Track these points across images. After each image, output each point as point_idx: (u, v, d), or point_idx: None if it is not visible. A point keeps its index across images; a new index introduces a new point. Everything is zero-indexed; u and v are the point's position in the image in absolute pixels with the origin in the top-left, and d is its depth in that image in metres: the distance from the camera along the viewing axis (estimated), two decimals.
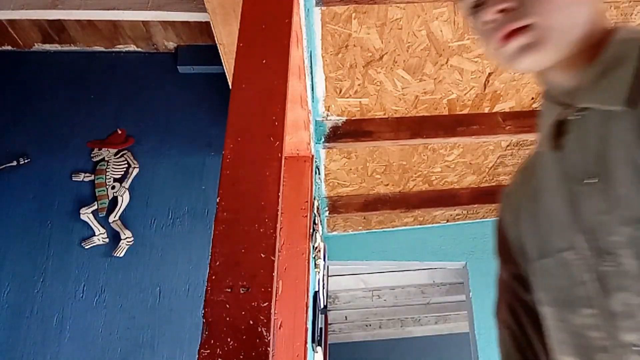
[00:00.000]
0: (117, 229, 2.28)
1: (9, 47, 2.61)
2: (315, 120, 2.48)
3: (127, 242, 2.26)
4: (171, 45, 2.60)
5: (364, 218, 3.76)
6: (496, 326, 0.78)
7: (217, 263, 0.89)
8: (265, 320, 0.84)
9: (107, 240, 2.27)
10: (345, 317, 5.98)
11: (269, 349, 0.82)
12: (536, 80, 0.68)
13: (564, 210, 0.62)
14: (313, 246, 2.42)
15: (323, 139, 2.51)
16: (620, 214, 0.54)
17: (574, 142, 0.61)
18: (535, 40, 0.58)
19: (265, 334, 0.83)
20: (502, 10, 0.59)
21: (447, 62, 2.21)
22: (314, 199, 2.48)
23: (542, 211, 0.67)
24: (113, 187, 2.35)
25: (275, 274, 0.89)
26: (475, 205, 3.48)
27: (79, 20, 2.41)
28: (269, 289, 0.87)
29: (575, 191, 0.60)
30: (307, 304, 2.10)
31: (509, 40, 0.59)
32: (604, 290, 0.56)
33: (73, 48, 2.62)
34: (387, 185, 3.33)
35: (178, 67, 2.58)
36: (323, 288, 3.13)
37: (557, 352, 0.65)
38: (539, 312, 0.69)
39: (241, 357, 0.81)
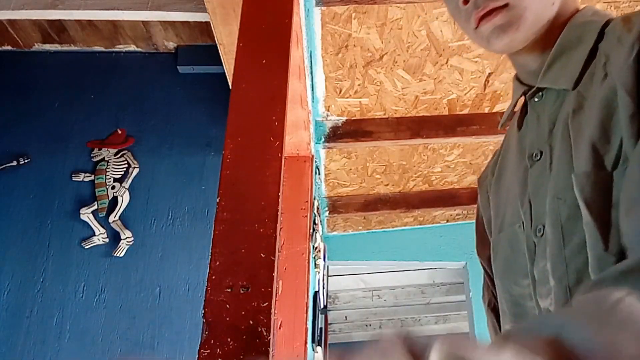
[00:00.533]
0: (117, 229, 2.28)
1: (9, 47, 2.61)
2: (315, 120, 2.48)
3: (127, 242, 2.26)
4: (171, 45, 2.60)
5: (364, 218, 3.77)
6: (487, 317, 0.80)
7: (217, 263, 0.89)
8: (265, 320, 0.84)
9: (107, 240, 2.27)
10: (345, 317, 5.98)
11: (269, 349, 0.82)
12: (510, 62, 0.70)
13: (517, 186, 0.65)
14: (313, 246, 2.42)
15: (323, 139, 2.51)
16: (550, 187, 0.57)
17: (531, 121, 0.65)
18: (510, 19, 0.60)
19: (265, 334, 0.83)
20: None
21: (447, 62, 2.21)
22: (314, 199, 2.48)
23: (503, 189, 0.70)
24: (113, 187, 2.35)
25: (275, 274, 0.89)
26: (475, 205, 3.48)
27: (79, 20, 2.41)
28: (269, 289, 0.87)
29: (525, 167, 0.63)
30: (307, 304, 2.10)
31: (486, 20, 0.61)
32: (532, 259, 0.59)
33: (73, 48, 2.62)
34: (387, 185, 3.33)
35: (178, 67, 2.58)
36: (323, 288, 3.13)
37: (504, 322, 0.67)
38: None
39: (241, 357, 0.81)
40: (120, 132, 2.47)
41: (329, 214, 3.44)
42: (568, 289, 0.52)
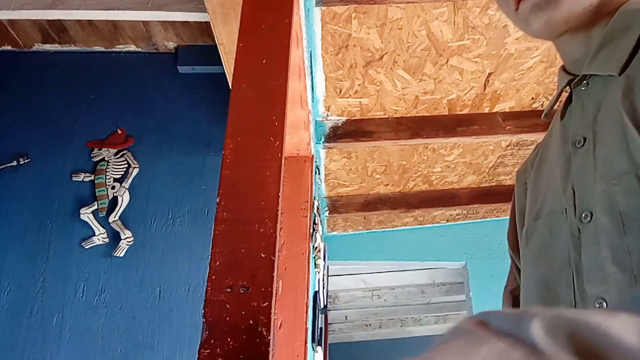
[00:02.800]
0: (117, 229, 2.28)
1: (9, 47, 2.61)
2: (315, 120, 2.48)
3: (127, 242, 2.26)
4: (171, 45, 2.60)
5: (364, 218, 3.77)
6: (503, 299, 0.80)
7: (217, 263, 0.89)
8: (265, 320, 0.84)
9: (107, 240, 2.27)
10: (345, 317, 5.98)
11: (269, 349, 0.82)
12: (557, 52, 0.71)
13: (559, 175, 0.65)
14: (313, 246, 2.42)
15: (323, 139, 2.51)
16: (600, 173, 0.56)
17: (575, 109, 0.65)
18: None
19: (265, 334, 0.83)
20: None
21: (447, 62, 2.21)
22: (314, 199, 2.48)
23: (543, 178, 0.71)
24: (113, 187, 2.35)
25: (275, 274, 0.89)
26: (475, 205, 3.48)
27: (79, 20, 2.41)
28: (269, 289, 0.87)
29: (568, 154, 0.63)
30: (307, 304, 2.10)
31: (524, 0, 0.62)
32: (577, 245, 0.59)
33: (73, 48, 2.62)
34: (387, 185, 3.33)
35: (178, 67, 2.58)
36: (323, 288, 3.14)
37: (525, 305, 0.67)
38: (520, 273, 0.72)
39: (241, 357, 0.81)
40: (120, 132, 2.47)
41: (329, 214, 3.44)
42: (633, 276, 0.51)
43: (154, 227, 2.31)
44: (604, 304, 0.55)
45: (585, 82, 0.63)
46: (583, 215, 0.58)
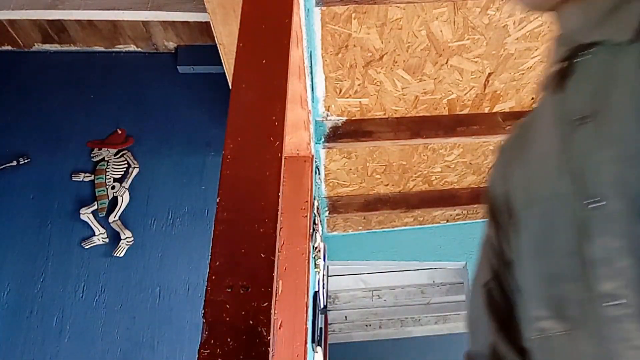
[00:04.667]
0: (117, 229, 2.28)
1: (9, 47, 2.61)
2: (315, 120, 2.48)
3: (127, 242, 2.26)
4: (171, 45, 2.60)
5: (364, 218, 3.76)
6: (473, 291, 0.73)
7: (217, 263, 0.89)
8: (265, 320, 0.84)
9: (107, 240, 2.27)
10: (345, 317, 5.98)
11: (269, 349, 0.82)
12: (556, 24, 0.64)
13: (554, 155, 0.58)
14: (313, 246, 2.42)
15: (323, 139, 2.51)
16: (612, 153, 0.50)
17: (576, 83, 0.57)
18: None
19: (265, 334, 0.83)
20: None
21: (447, 62, 2.21)
22: (314, 199, 2.48)
23: (534, 158, 0.63)
24: (113, 187, 2.35)
25: (275, 274, 0.89)
26: (475, 205, 3.48)
27: (79, 20, 2.41)
28: (269, 289, 0.87)
29: (568, 132, 0.56)
30: (307, 304, 2.10)
31: None
32: (584, 235, 0.52)
33: (73, 48, 2.62)
34: (387, 185, 3.33)
35: (178, 67, 2.58)
36: (323, 288, 3.13)
37: (530, 307, 0.61)
38: (514, 267, 0.65)
39: (241, 357, 0.81)
40: (120, 132, 2.47)
41: (329, 214, 3.44)
42: None
43: (154, 227, 2.31)
44: (617, 302, 0.48)
45: (587, 52, 0.56)
46: (591, 201, 0.51)
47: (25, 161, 2.37)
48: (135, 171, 2.39)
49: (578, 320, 0.52)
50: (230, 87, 1.11)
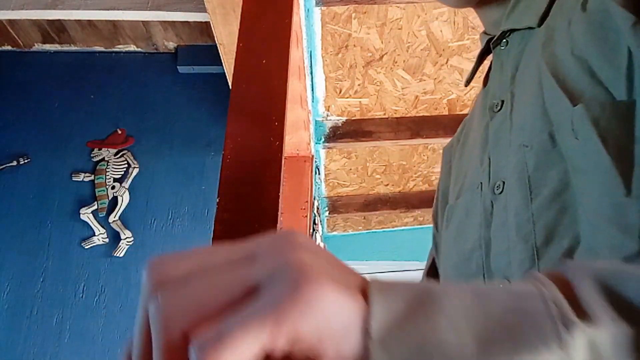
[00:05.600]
0: (117, 229, 2.28)
1: (9, 47, 2.61)
2: (315, 120, 2.48)
3: (127, 242, 2.26)
4: (171, 45, 2.60)
5: (364, 218, 3.76)
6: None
7: None
8: None
9: (107, 240, 2.27)
10: None
11: None
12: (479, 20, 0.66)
13: (478, 146, 0.58)
14: None
15: (323, 139, 2.51)
16: (514, 136, 0.50)
17: (495, 72, 0.59)
18: None
19: None
20: None
21: (447, 62, 2.21)
22: (314, 199, 2.48)
23: (466, 154, 0.64)
24: (113, 187, 2.35)
25: None
26: None
27: (79, 20, 2.41)
28: None
29: (486, 122, 0.56)
30: None
31: None
32: (487, 220, 0.52)
33: (73, 48, 2.62)
34: (387, 185, 3.33)
35: (178, 67, 2.58)
36: None
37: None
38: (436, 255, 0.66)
39: None
40: (120, 132, 2.47)
41: (329, 214, 3.44)
42: (535, 248, 0.45)
43: (154, 227, 2.31)
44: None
45: (504, 40, 0.57)
46: (496, 185, 0.51)
47: (25, 161, 2.37)
48: (135, 171, 2.39)
49: None
50: (230, 87, 1.11)
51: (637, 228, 0.38)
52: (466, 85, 0.73)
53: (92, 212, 2.30)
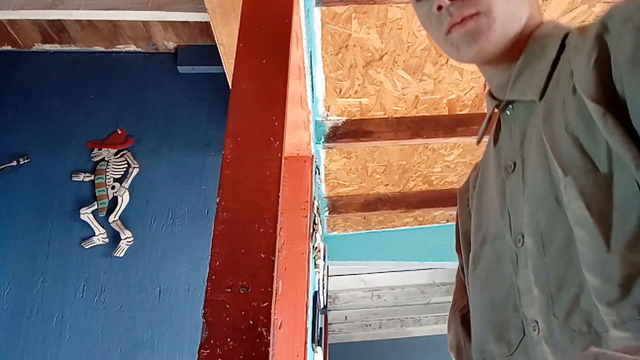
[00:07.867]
0: (117, 229, 2.28)
1: (9, 47, 2.61)
2: (315, 120, 2.48)
3: (127, 242, 2.26)
4: (171, 45, 2.60)
5: (364, 218, 3.76)
6: (451, 316, 0.79)
7: (217, 263, 0.89)
8: (265, 320, 0.84)
9: (107, 240, 2.27)
10: (345, 317, 5.98)
11: (269, 349, 0.82)
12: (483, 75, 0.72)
13: (496, 200, 0.66)
14: (313, 246, 2.42)
15: (323, 139, 2.51)
16: (526, 196, 0.58)
17: (504, 135, 0.67)
18: (481, 27, 0.61)
19: (265, 334, 0.83)
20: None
21: (447, 62, 2.21)
22: (314, 199, 2.48)
23: (484, 203, 0.71)
24: (113, 187, 2.35)
25: (275, 274, 0.89)
26: None
27: (79, 20, 2.41)
28: (269, 289, 0.87)
29: (502, 179, 0.65)
30: (307, 304, 2.10)
31: (458, 26, 0.62)
32: (515, 269, 0.60)
33: (73, 48, 2.62)
34: (387, 185, 3.33)
35: (178, 67, 2.58)
36: (323, 288, 3.13)
37: (477, 332, 0.67)
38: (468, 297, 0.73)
39: (241, 357, 0.81)
40: (120, 132, 2.47)
41: (329, 214, 3.44)
42: (550, 297, 0.53)
43: (154, 227, 2.31)
44: (537, 327, 0.55)
45: (510, 107, 0.65)
46: (517, 239, 0.60)
47: (25, 161, 2.37)
48: (135, 171, 2.39)
49: (515, 344, 0.60)
50: (230, 87, 1.11)
51: (616, 278, 0.45)
52: (477, 144, 0.80)
53: (92, 212, 2.30)
